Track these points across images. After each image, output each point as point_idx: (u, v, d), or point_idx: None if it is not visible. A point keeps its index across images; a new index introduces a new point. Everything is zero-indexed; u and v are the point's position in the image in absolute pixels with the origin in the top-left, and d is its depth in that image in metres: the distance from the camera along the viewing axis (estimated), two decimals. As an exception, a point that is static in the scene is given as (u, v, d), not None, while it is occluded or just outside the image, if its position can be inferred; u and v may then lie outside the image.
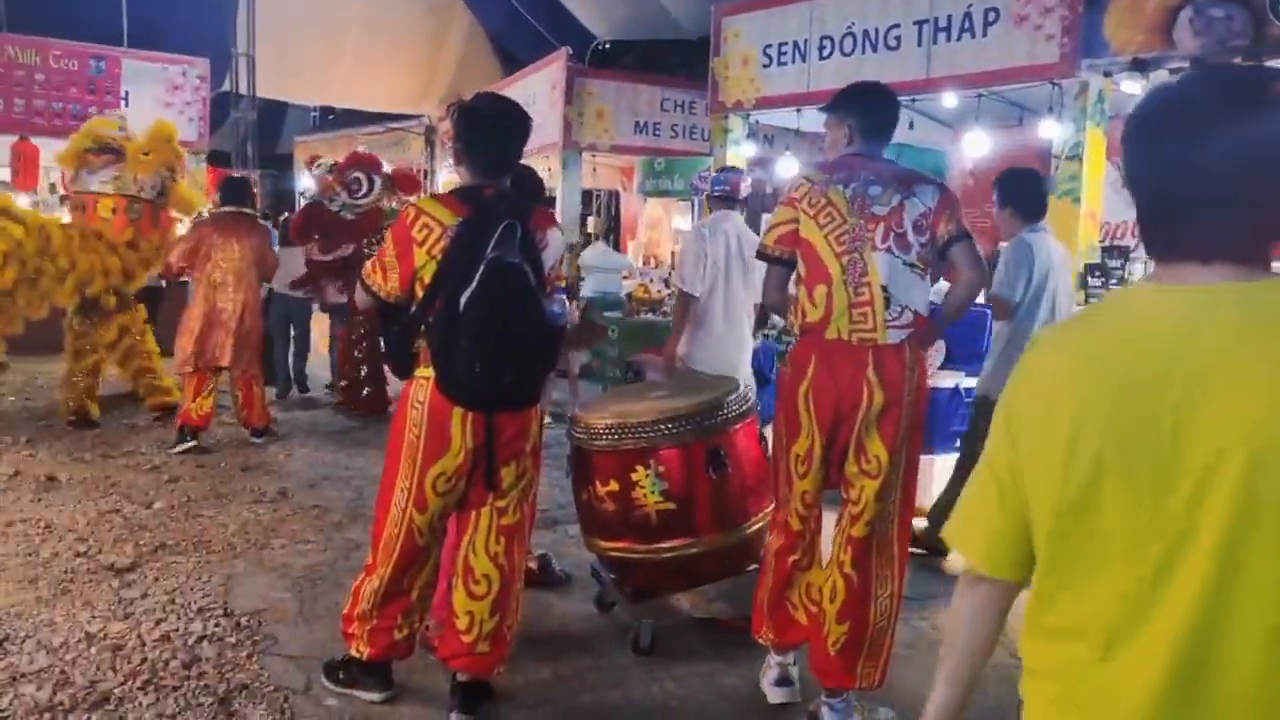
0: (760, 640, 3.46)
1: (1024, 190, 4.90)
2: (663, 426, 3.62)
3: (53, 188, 13.23)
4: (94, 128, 7.74)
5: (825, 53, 7.78)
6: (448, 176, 17.03)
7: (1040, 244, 4.77)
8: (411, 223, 2.97)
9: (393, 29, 15.04)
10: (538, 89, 11.91)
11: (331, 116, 25.55)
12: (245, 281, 7.09)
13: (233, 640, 3.75)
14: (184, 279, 7.72)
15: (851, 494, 3.19)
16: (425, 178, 18.95)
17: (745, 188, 5.32)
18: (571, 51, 11.31)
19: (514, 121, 3.09)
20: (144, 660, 3.52)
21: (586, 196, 14.59)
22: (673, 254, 12.99)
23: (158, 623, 3.86)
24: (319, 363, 9.91)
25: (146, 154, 7.55)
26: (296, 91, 16.23)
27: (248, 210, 7.55)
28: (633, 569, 3.83)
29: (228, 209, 7.40)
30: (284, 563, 4.70)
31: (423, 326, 2.98)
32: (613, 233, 14.60)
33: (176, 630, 3.80)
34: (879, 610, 3.18)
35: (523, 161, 3.40)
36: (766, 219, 9.61)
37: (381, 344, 3.15)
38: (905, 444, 3.16)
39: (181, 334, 7.09)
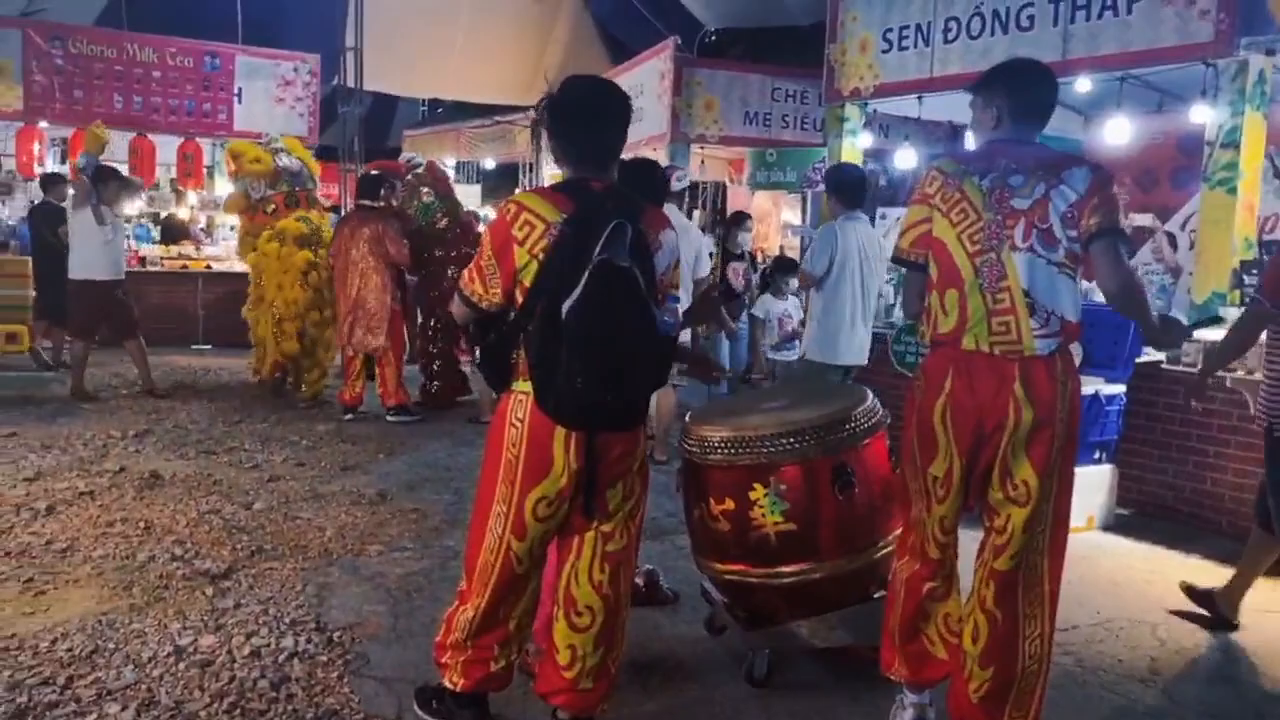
0: (892, 676, 3.12)
1: (847, 183, 5.92)
2: (784, 441, 3.30)
3: (173, 184, 13.49)
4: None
5: (950, 36, 7.32)
6: (553, 170, 16.95)
7: (848, 231, 5.78)
8: (511, 220, 2.69)
9: (501, 18, 14.95)
10: (645, 79, 11.64)
11: (440, 111, 25.79)
12: (362, 269, 7.77)
13: (324, 658, 3.55)
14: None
15: (996, 522, 2.83)
16: (529, 171, 18.92)
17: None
18: (680, 41, 11.01)
19: (608, 106, 2.80)
20: (232, 679, 3.34)
21: (692, 189, 14.29)
22: (781, 248, 12.61)
23: (249, 636, 3.69)
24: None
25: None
26: (405, 85, 16.25)
27: (368, 203, 8.07)
28: (748, 593, 3.53)
29: (361, 202, 8.14)
30: (379, 571, 4.51)
31: (522, 335, 2.71)
32: (718, 226, 14.28)
33: (267, 646, 3.62)
34: (1027, 653, 2.82)
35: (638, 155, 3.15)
36: (882, 213, 9.20)
37: (476, 354, 2.85)
38: (1058, 467, 2.79)
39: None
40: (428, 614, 4.01)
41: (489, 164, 21.07)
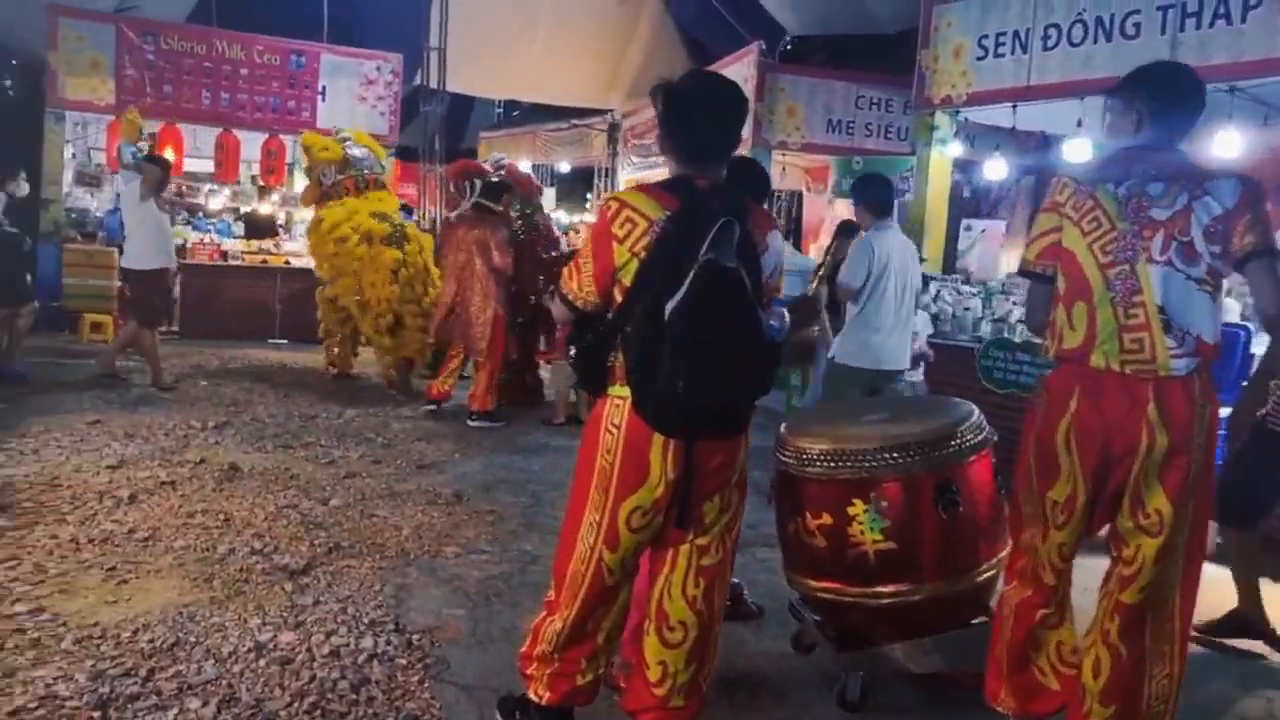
0: (998, 707, 2.96)
1: (875, 193, 5.81)
2: (886, 455, 3.16)
3: (253, 180, 13.67)
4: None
5: (1050, 43, 7.11)
6: (630, 175, 16.86)
7: (880, 240, 5.63)
8: (612, 217, 2.59)
9: (583, 19, 14.93)
10: (726, 85, 11.53)
11: (516, 113, 25.91)
12: (467, 272, 7.90)
13: (404, 661, 3.48)
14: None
15: (1125, 553, 2.66)
16: (606, 176, 18.89)
17: None
18: (764, 46, 10.88)
19: (727, 100, 2.67)
20: (312, 679, 3.28)
21: (769, 197, 14.12)
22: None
23: (328, 635, 3.64)
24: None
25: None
26: (485, 86, 16.30)
27: (488, 204, 8.09)
28: (843, 613, 3.38)
29: (480, 201, 8.09)
30: (457, 574, 4.44)
31: (620, 337, 2.61)
32: (793, 234, 14.11)
33: (347, 646, 3.56)
34: (1153, 693, 2.65)
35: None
36: (966, 224, 8.98)
37: (571, 354, 2.74)
38: (1194, 496, 2.61)
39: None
40: (507, 619, 3.94)
41: (564, 167, 21.11)
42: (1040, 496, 2.73)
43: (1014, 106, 7.47)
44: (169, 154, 11.69)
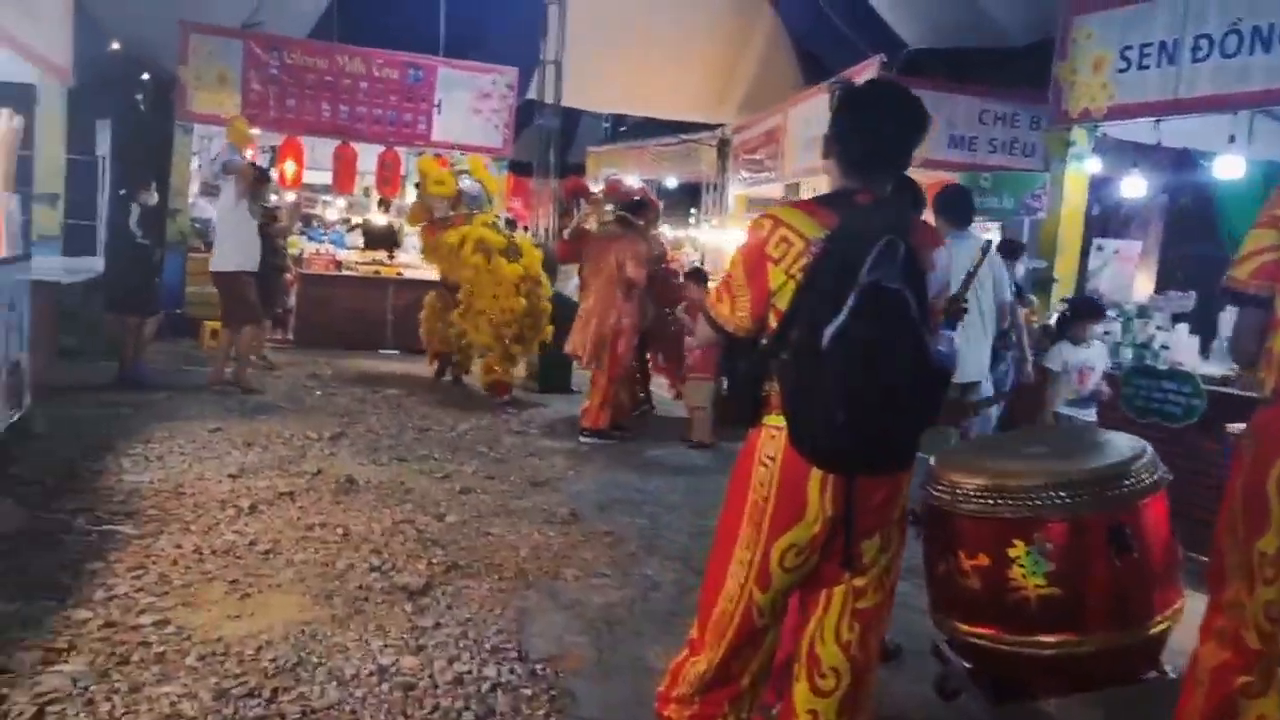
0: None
1: (954, 203, 5.62)
2: (1053, 494, 2.91)
3: (367, 191, 13.86)
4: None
5: (1201, 54, 6.71)
6: (739, 190, 16.67)
7: (958, 251, 4.92)
8: (766, 236, 2.42)
9: (697, 32, 14.81)
10: (844, 98, 11.27)
11: (624, 129, 25.96)
12: (602, 283, 7.90)
13: (528, 692, 3.35)
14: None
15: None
16: (714, 191, 18.72)
17: None
18: (885, 59, 10.60)
19: (910, 111, 2.48)
20: (436, 707, 3.17)
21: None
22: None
23: (450, 661, 3.53)
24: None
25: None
26: (600, 100, 16.30)
27: (630, 217, 8.12)
28: (997, 661, 3.14)
29: (622, 214, 8.19)
30: (578, 599, 4.31)
31: (775, 364, 2.43)
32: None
33: (470, 673, 3.44)
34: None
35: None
36: (1098, 244, 8.54)
37: (724, 383, 2.56)
38: None
39: None
40: (632, 649, 3.79)
41: (670, 183, 21.00)
42: (1247, 548, 2.46)
43: (1158, 121, 7.07)
44: (290, 166, 11.98)
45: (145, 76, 12.95)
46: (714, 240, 17.22)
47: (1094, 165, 7.94)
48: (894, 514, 2.52)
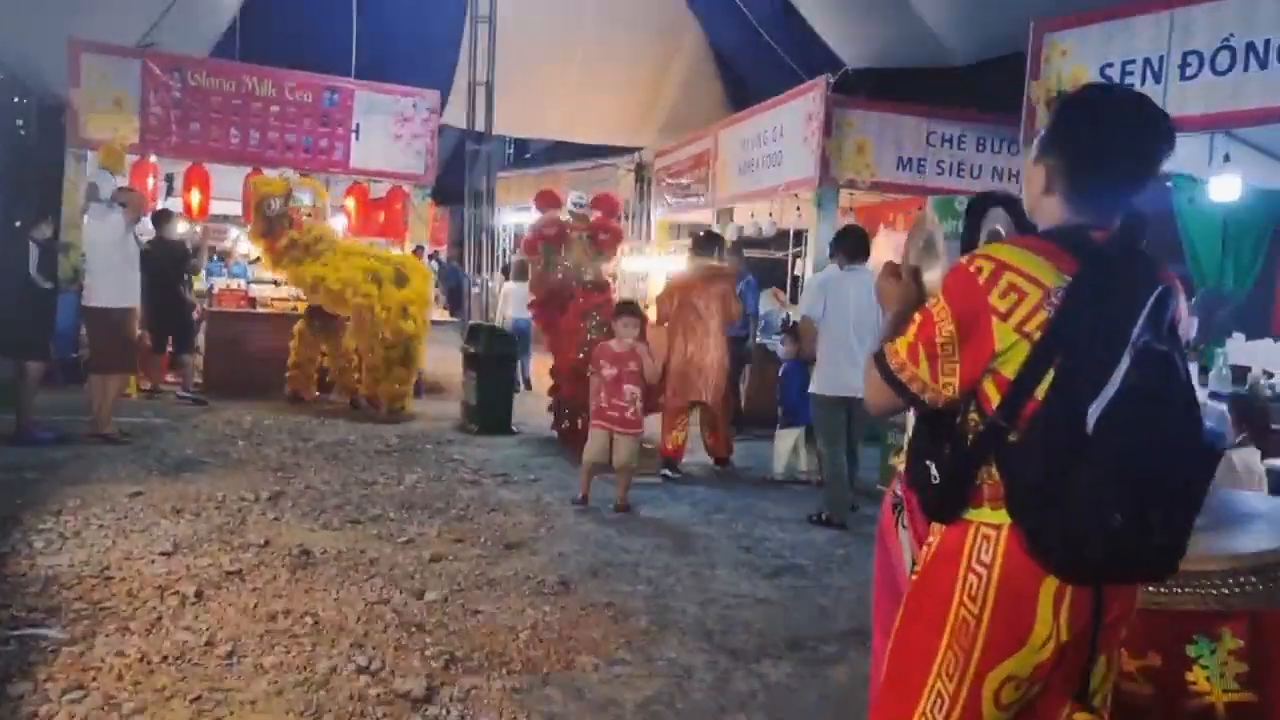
0: None
1: (850, 241, 6.87)
2: (1241, 581, 2.44)
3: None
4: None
5: (1189, 72, 6.46)
6: (664, 216, 16.21)
7: (847, 280, 6.66)
8: (987, 281, 1.88)
9: (619, 53, 14.35)
10: (786, 120, 10.92)
11: (528, 155, 25.38)
12: (704, 328, 8.02)
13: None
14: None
15: None
16: (635, 218, 18.24)
17: None
18: (832, 80, 10.27)
19: (1152, 125, 1.96)
20: None
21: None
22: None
23: (489, 798, 2.90)
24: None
25: None
26: (516, 124, 15.71)
27: (714, 262, 8.37)
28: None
29: (704, 260, 8.33)
30: (609, 696, 3.70)
31: (1000, 448, 1.89)
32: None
33: (517, 814, 2.82)
34: None
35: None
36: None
37: (913, 468, 2.00)
38: None
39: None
40: (694, 765, 3.20)
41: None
42: None
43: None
44: (195, 195, 11.07)
45: (16, 99, 11.80)
46: (635, 268, 16.72)
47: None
48: (1124, 629, 2.00)
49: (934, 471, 1.95)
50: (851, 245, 6.82)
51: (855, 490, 6.82)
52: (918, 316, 2.01)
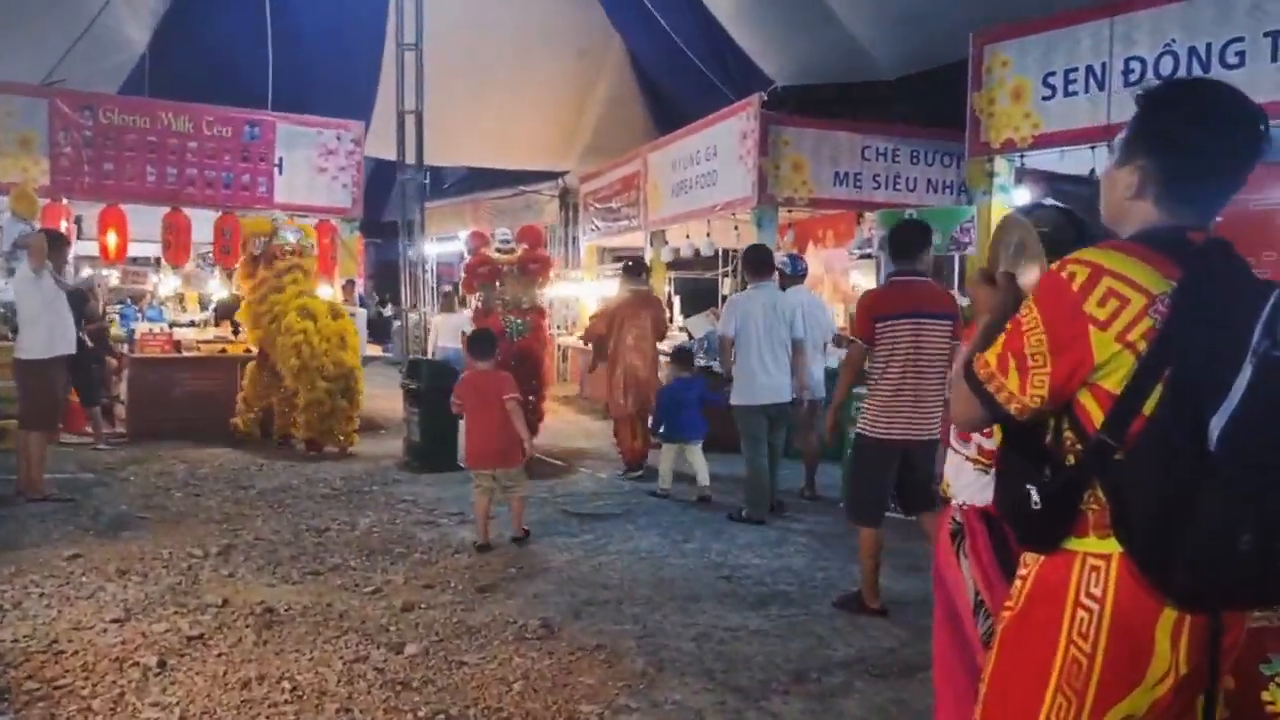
0: None
1: (754, 260, 7.40)
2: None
3: (204, 258, 12.54)
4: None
5: (1133, 78, 6.54)
6: (592, 240, 16.07)
7: (754, 297, 7.19)
8: (1083, 288, 1.75)
9: (541, 75, 14.23)
10: (720, 140, 10.89)
11: (447, 185, 25.02)
12: (641, 346, 8.74)
13: None
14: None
15: None
16: (563, 245, 18.07)
17: None
18: (765, 97, 10.26)
19: (1247, 122, 1.85)
20: None
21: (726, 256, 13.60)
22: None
23: None
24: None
25: None
26: (441, 153, 15.41)
27: (643, 289, 9.13)
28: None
29: (635, 288, 8.99)
30: (621, 748, 3.51)
31: (1106, 469, 1.76)
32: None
33: None
34: None
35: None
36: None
37: (1005, 494, 1.86)
38: None
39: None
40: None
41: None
42: None
43: (1093, 148, 6.86)
44: (112, 237, 10.61)
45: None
46: (565, 293, 16.56)
47: (1022, 195, 7.70)
48: (1235, 653, 1.89)
49: (1035, 496, 1.81)
50: (754, 262, 7.39)
51: (779, 491, 7.46)
52: (1008, 326, 1.88)
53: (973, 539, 2.58)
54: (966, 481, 2.72)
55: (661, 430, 8.06)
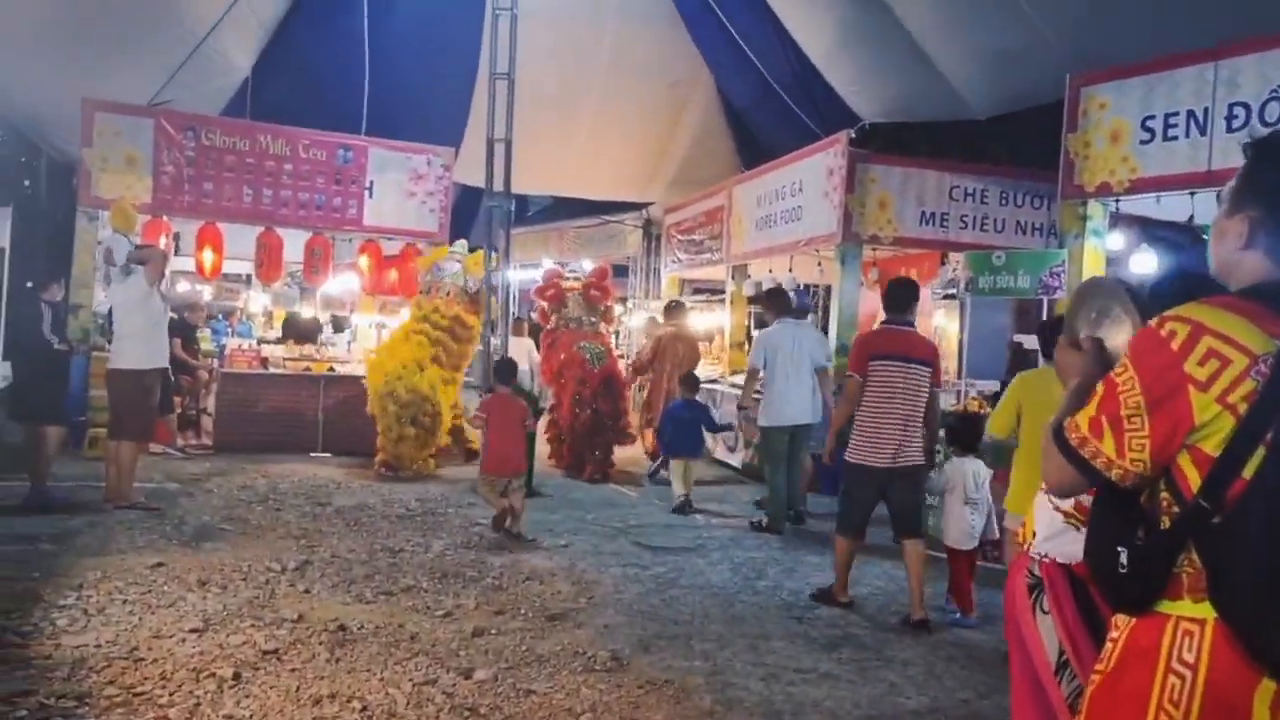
0: None
1: (774, 298, 8.84)
2: None
3: (292, 276, 12.82)
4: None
5: (1236, 123, 6.35)
6: (674, 272, 16.08)
7: (780, 332, 8.34)
8: (1183, 347, 1.70)
9: (629, 107, 14.24)
10: (805, 175, 10.81)
11: (530, 214, 25.24)
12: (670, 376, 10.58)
13: None
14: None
15: None
16: (644, 275, 18.11)
17: None
18: (854, 134, 10.18)
19: None
20: None
21: (804, 291, 13.53)
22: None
23: None
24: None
25: None
26: (529, 182, 15.58)
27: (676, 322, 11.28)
28: None
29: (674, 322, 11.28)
30: (687, 788, 3.46)
31: (1203, 533, 1.69)
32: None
33: None
34: None
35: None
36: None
37: (1095, 554, 1.78)
38: None
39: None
40: None
41: (588, 266, 20.42)
42: None
43: (1193, 194, 6.67)
44: (208, 255, 10.91)
45: (24, 159, 11.69)
46: (640, 323, 16.56)
47: (1116, 240, 7.52)
48: None
49: (1123, 559, 1.74)
50: (778, 303, 8.75)
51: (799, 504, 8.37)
52: (1100, 388, 1.82)
53: (1055, 594, 2.50)
54: (1056, 534, 2.64)
55: (665, 446, 9.23)
